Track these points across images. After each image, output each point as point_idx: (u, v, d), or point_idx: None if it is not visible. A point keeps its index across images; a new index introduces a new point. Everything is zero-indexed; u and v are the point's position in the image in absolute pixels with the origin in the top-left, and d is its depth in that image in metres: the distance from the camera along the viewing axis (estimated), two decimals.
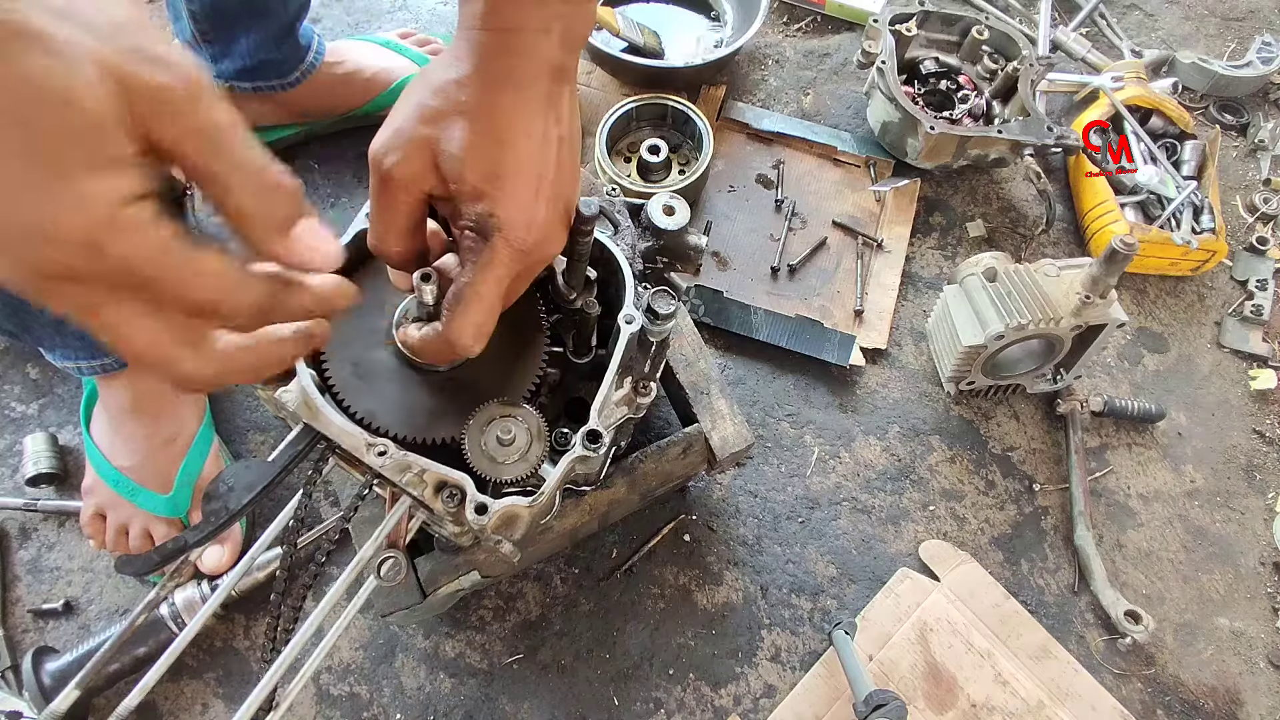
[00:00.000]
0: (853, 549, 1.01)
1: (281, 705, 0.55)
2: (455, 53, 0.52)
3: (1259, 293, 1.20)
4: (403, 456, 0.58)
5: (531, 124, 0.52)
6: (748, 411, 1.08)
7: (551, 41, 0.52)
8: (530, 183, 0.52)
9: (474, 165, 0.51)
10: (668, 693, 0.92)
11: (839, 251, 1.20)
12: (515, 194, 0.52)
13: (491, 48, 0.51)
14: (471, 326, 0.53)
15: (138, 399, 0.92)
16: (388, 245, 0.55)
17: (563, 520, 0.80)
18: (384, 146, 0.52)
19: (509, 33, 0.51)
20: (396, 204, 0.53)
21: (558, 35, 0.52)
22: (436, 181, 0.52)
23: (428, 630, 0.94)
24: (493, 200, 0.51)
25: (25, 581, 0.95)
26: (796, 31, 1.41)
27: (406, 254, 0.56)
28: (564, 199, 0.56)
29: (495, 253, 0.52)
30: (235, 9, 0.99)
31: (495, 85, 0.51)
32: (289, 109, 1.15)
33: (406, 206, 0.53)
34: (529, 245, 0.53)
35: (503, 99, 0.51)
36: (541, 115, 0.53)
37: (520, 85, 0.52)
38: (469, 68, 0.51)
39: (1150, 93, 1.26)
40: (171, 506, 0.92)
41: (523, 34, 0.51)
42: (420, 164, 0.51)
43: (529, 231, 0.53)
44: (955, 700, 0.92)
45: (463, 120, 0.51)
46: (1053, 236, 1.23)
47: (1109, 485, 1.07)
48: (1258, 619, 1.01)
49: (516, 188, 0.52)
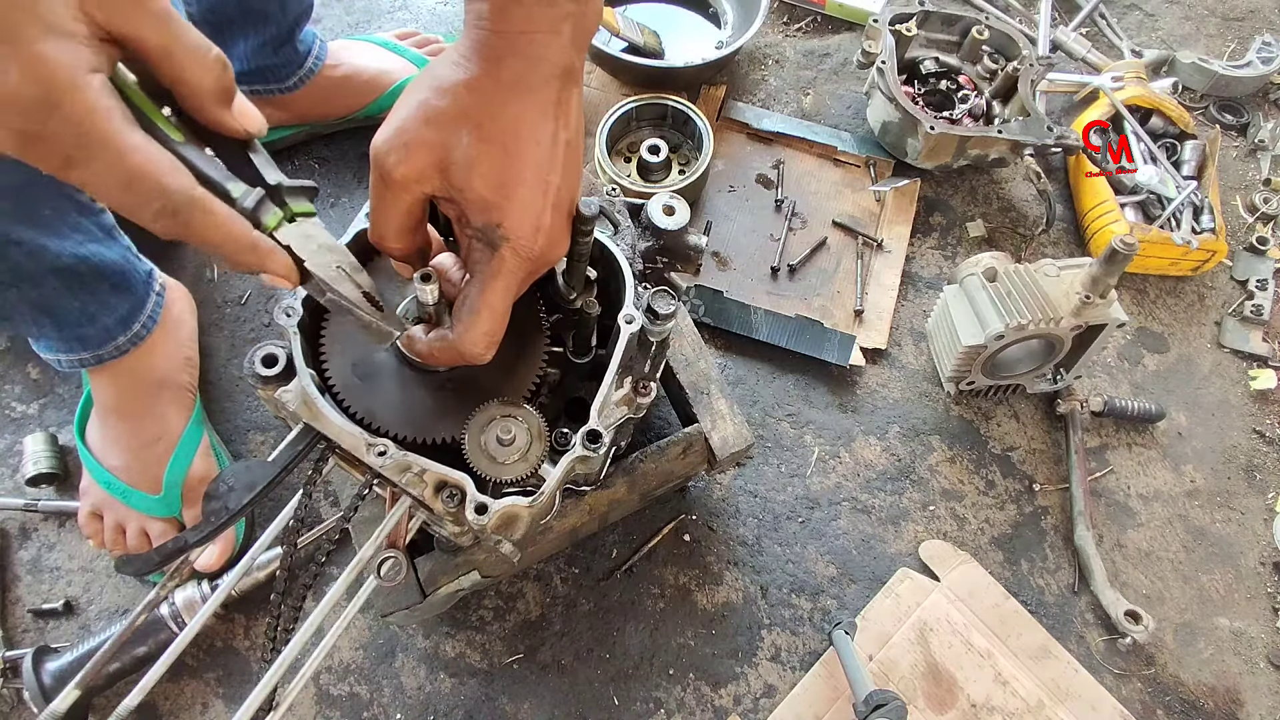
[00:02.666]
0: (853, 549, 1.01)
1: (281, 705, 0.55)
2: (462, 51, 0.51)
3: (1259, 293, 1.20)
4: (403, 456, 0.58)
5: (540, 130, 0.52)
6: (748, 411, 1.08)
7: (562, 42, 0.51)
8: (538, 191, 0.52)
9: (482, 175, 0.51)
10: (668, 693, 0.92)
11: (839, 251, 1.20)
12: (523, 203, 0.52)
13: (500, 50, 0.50)
14: (483, 336, 0.54)
15: (121, 399, 0.92)
16: (387, 241, 0.55)
17: (563, 520, 0.81)
18: (386, 145, 0.51)
19: (519, 35, 0.50)
20: (397, 202, 0.53)
21: (568, 36, 0.51)
22: (439, 184, 0.52)
23: (428, 630, 0.94)
24: (501, 211, 0.51)
25: (25, 581, 0.95)
26: (796, 31, 1.41)
27: (407, 250, 0.56)
28: (569, 203, 0.56)
29: (504, 263, 0.52)
30: (233, 14, 0.99)
31: (505, 91, 0.50)
32: (288, 111, 1.15)
33: (406, 205, 0.53)
34: (536, 253, 0.53)
35: (511, 105, 0.51)
36: (551, 119, 0.52)
37: (530, 90, 0.51)
38: (477, 69, 0.50)
39: (1150, 93, 1.26)
40: (163, 507, 0.92)
41: (534, 36, 0.50)
42: (423, 165, 0.51)
43: (536, 239, 0.53)
44: (955, 700, 0.92)
45: (470, 126, 0.50)
46: (1053, 236, 1.23)
47: (1109, 485, 1.07)
48: (1258, 619, 1.01)
49: (525, 197, 0.52)
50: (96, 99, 0.39)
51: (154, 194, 0.41)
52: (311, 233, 0.50)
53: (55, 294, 0.82)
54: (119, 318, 0.90)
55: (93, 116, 0.39)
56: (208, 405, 1.03)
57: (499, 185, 0.51)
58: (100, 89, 0.39)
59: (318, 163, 1.22)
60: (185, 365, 0.99)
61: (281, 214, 0.48)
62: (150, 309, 0.94)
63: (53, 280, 0.81)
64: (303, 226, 0.49)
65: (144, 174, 0.41)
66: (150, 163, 0.41)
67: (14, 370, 1.06)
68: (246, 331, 1.10)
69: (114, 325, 0.89)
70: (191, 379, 1.00)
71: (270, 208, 0.48)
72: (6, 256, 0.76)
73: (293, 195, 0.49)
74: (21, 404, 1.04)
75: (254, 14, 1.00)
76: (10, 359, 1.07)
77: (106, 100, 0.40)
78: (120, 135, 0.40)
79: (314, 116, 1.18)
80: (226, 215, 0.44)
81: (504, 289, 0.53)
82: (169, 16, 0.42)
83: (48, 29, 0.38)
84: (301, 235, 0.49)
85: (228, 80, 0.45)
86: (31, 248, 0.77)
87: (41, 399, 1.05)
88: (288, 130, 1.19)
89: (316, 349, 0.62)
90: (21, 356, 1.06)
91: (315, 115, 1.18)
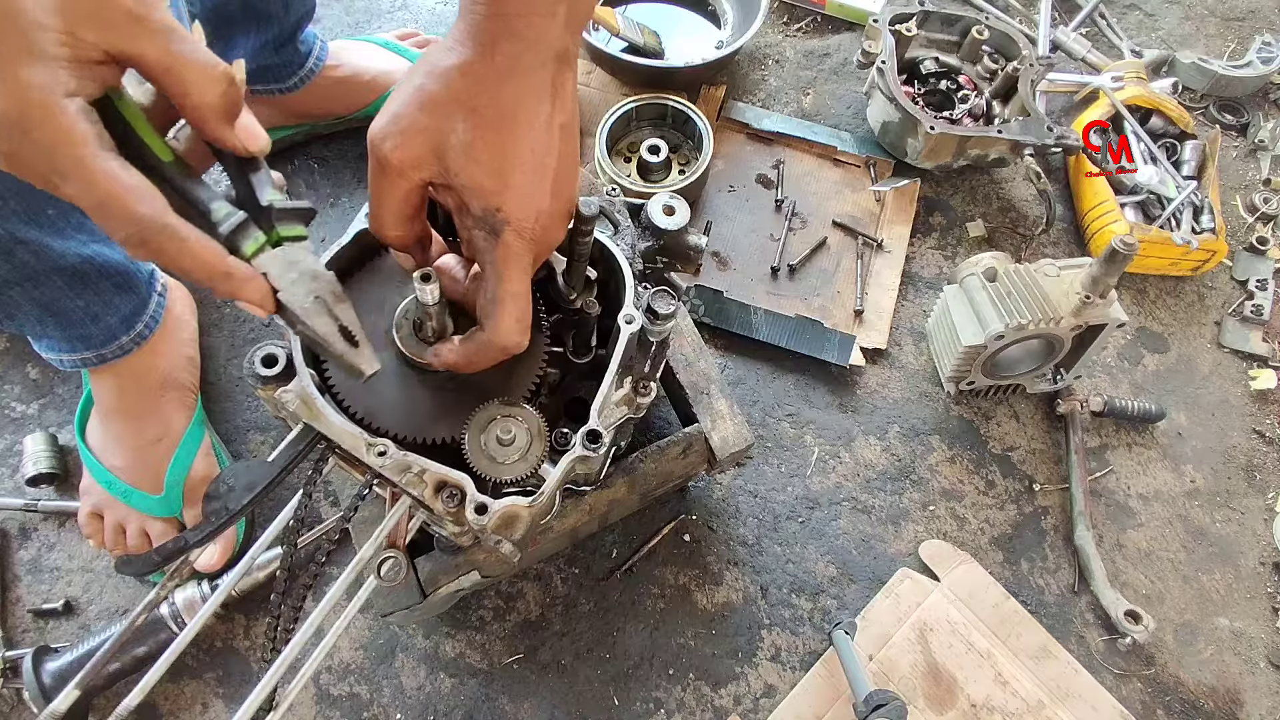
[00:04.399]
0: (853, 549, 1.01)
1: (281, 705, 0.55)
2: (457, 36, 0.51)
3: (1259, 293, 1.20)
4: (403, 456, 0.58)
5: (535, 113, 0.52)
6: (748, 411, 1.08)
7: (557, 24, 0.51)
8: (535, 174, 0.52)
9: (479, 160, 0.50)
10: (668, 693, 0.92)
11: (839, 251, 1.20)
12: (521, 186, 0.52)
13: (495, 33, 0.50)
14: (515, 323, 0.54)
15: (123, 399, 0.92)
16: (386, 229, 0.55)
17: (563, 520, 0.81)
18: (383, 131, 0.51)
19: (514, 17, 0.50)
20: (395, 189, 0.53)
21: (563, 19, 0.51)
22: (437, 170, 0.52)
23: (428, 630, 0.94)
24: (499, 195, 0.51)
25: (25, 581, 0.95)
26: (796, 31, 1.41)
27: (406, 239, 0.56)
28: (566, 186, 0.56)
29: (509, 248, 0.52)
30: (236, 13, 0.99)
31: (499, 74, 0.50)
32: (288, 111, 1.15)
33: (404, 192, 0.53)
34: (537, 234, 0.53)
35: (506, 89, 0.50)
36: (547, 102, 0.52)
37: (525, 73, 0.51)
38: (472, 53, 0.50)
39: (1150, 93, 1.26)
40: (165, 507, 0.92)
41: (529, 19, 0.50)
42: (419, 151, 0.51)
43: (536, 221, 0.53)
44: (955, 700, 0.92)
45: (465, 111, 0.50)
46: (1053, 236, 1.23)
47: (1109, 485, 1.07)
48: (1258, 619, 1.01)
49: (522, 181, 0.52)
50: (71, 124, 0.40)
51: (123, 220, 0.42)
52: (295, 258, 0.49)
53: (59, 293, 0.82)
54: (122, 317, 0.90)
55: (64, 141, 0.40)
56: (207, 405, 1.03)
57: (496, 169, 0.51)
58: (75, 113, 0.40)
59: (318, 163, 1.22)
60: (187, 365, 0.99)
61: (264, 239, 0.48)
62: (153, 309, 0.94)
63: (57, 280, 0.81)
64: (287, 252, 0.49)
65: (112, 200, 0.41)
66: (120, 189, 0.41)
67: (14, 370, 1.06)
68: (246, 331, 1.10)
69: (117, 325, 0.89)
70: (193, 379, 1.00)
71: (252, 232, 0.47)
72: (11, 256, 0.76)
73: (284, 219, 0.49)
74: (21, 404, 1.04)
75: (257, 13, 1.00)
76: (10, 359, 1.07)
77: (81, 125, 0.40)
78: (91, 160, 0.41)
79: (314, 116, 1.18)
80: (198, 242, 0.44)
81: (518, 272, 0.53)
82: (170, 33, 0.42)
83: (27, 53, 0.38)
84: (283, 261, 0.48)
85: (233, 96, 0.45)
86: (36, 247, 0.77)
87: (41, 399, 1.05)
88: (288, 130, 1.19)
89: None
90: (21, 356, 1.06)
91: (315, 115, 1.18)
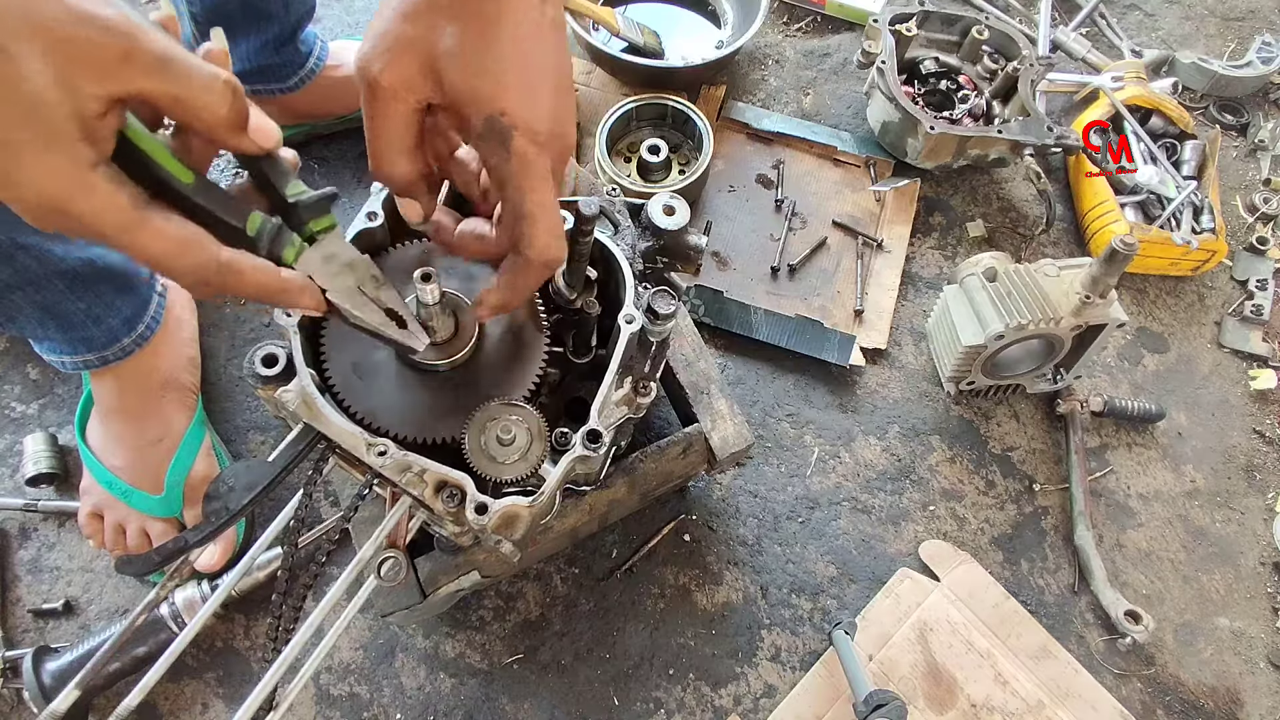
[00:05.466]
0: (853, 549, 1.01)
1: (281, 705, 0.55)
2: None
3: (1259, 293, 1.20)
4: (403, 456, 0.58)
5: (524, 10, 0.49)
6: (748, 411, 1.08)
7: None
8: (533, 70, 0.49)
9: (473, 66, 0.48)
10: (668, 693, 0.92)
11: (839, 251, 1.20)
12: (521, 85, 0.49)
13: None
14: (550, 235, 0.52)
15: (124, 399, 0.93)
16: (388, 165, 0.52)
17: (563, 520, 0.81)
18: (369, 54, 0.48)
19: None
20: (390, 115, 0.50)
21: None
22: (431, 88, 0.49)
23: (428, 630, 0.94)
24: (500, 99, 0.48)
25: (25, 581, 0.95)
26: (796, 31, 1.41)
27: (409, 175, 0.53)
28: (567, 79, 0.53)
29: (524, 156, 0.49)
30: (236, 13, 0.99)
31: None
32: (289, 111, 1.15)
33: (401, 117, 0.50)
34: (547, 135, 0.50)
35: None
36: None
37: None
38: None
39: (1150, 93, 1.26)
40: (165, 507, 0.92)
41: None
42: (410, 67, 0.48)
43: (543, 122, 0.49)
44: (955, 700, 0.92)
45: (450, 16, 0.47)
46: (1053, 236, 1.23)
47: (1109, 485, 1.07)
48: (1258, 619, 1.01)
49: (521, 80, 0.49)
50: (105, 198, 0.40)
51: (182, 272, 0.43)
52: (332, 251, 0.50)
53: (61, 296, 0.83)
54: (123, 319, 0.90)
55: (103, 215, 0.40)
56: (208, 405, 1.03)
57: (492, 72, 0.48)
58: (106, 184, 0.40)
59: (318, 163, 1.22)
60: (188, 365, 0.99)
61: (299, 240, 0.49)
62: (154, 310, 0.94)
63: (58, 283, 0.81)
64: (322, 246, 0.49)
65: (167, 257, 0.43)
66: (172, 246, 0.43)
67: (14, 370, 1.06)
68: (246, 331, 1.10)
69: (119, 327, 0.89)
70: (194, 379, 1.00)
71: (287, 237, 0.48)
72: (13, 260, 0.76)
73: (310, 210, 0.49)
74: (21, 404, 1.04)
75: (257, 13, 1.00)
76: (10, 359, 1.07)
77: (115, 196, 0.41)
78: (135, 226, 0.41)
79: (314, 116, 1.18)
80: (254, 269, 0.46)
81: (539, 181, 0.50)
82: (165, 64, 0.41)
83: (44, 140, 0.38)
84: (321, 258, 0.49)
85: (240, 105, 0.44)
86: (37, 252, 0.78)
87: (41, 399, 1.05)
88: (288, 130, 1.19)
89: (316, 349, 0.62)
90: (21, 357, 1.07)
91: (316, 115, 1.18)
